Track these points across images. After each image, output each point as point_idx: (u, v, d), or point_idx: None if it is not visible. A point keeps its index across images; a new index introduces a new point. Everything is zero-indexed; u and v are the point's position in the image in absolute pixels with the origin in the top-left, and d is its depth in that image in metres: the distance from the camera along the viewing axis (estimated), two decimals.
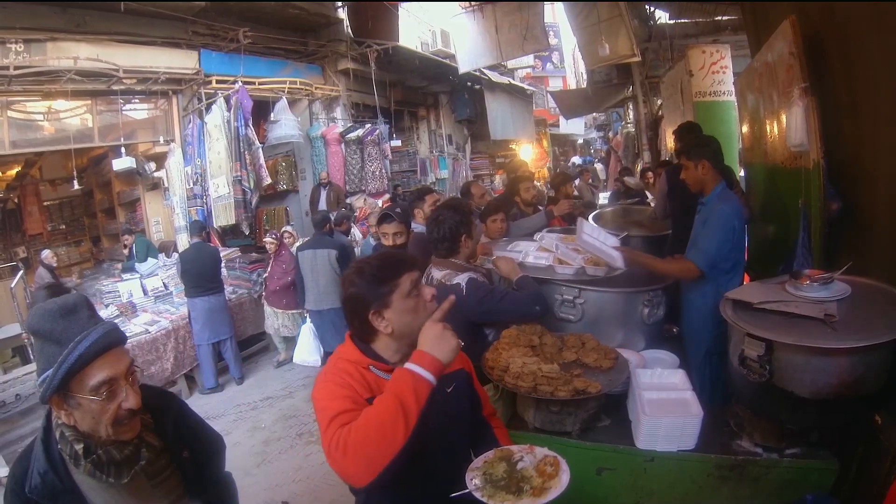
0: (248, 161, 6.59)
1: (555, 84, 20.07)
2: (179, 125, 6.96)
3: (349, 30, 8.68)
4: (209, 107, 6.68)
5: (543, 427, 1.97)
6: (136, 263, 6.71)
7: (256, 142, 6.82)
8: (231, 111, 6.53)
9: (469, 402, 1.61)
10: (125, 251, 7.31)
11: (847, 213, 2.43)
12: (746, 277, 3.56)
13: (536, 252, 2.87)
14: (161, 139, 6.90)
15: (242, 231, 7.04)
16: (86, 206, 10.11)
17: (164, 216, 7.38)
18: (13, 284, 6.24)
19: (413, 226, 3.39)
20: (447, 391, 1.51)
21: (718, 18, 7.36)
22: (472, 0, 8.87)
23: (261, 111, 7.60)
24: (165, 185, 6.97)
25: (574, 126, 20.45)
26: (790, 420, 1.74)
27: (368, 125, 8.86)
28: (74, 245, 10.22)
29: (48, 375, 1.12)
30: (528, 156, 14.94)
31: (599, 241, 2.62)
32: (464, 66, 9.40)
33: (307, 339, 5.22)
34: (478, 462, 1.45)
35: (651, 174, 6.79)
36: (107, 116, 6.41)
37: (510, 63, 13.48)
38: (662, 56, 8.45)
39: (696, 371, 2.59)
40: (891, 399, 1.66)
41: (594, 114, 18.21)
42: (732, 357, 1.83)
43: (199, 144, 6.71)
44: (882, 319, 1.62)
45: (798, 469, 1.77)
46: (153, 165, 6.95)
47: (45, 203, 9.96)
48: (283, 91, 7.67)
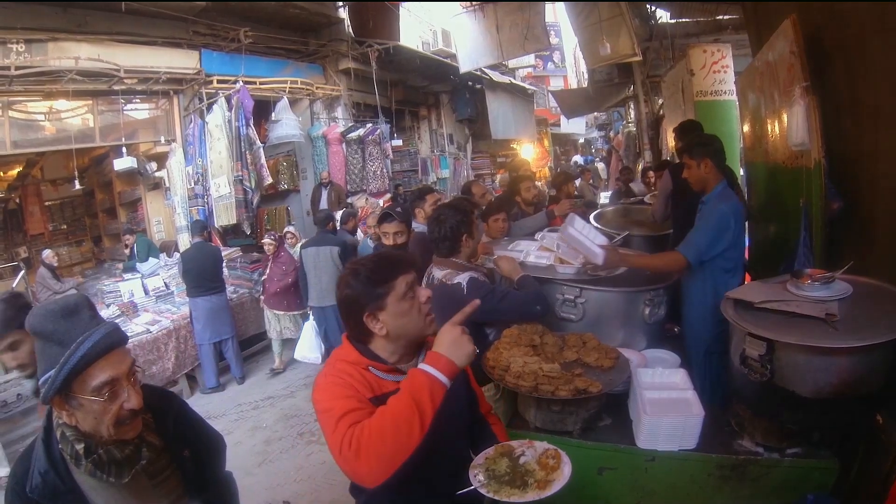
0: (250, 161, 6.59)
1: (556, 83, 20.05)
2: (180, 125, 6.97)
3: (350, 29, 8.68)
4: (210, 106, 6.69)
5: (544, 426, 1.97)
6: (138, 263, 6.72)
7: (257, 141, 6.82)
8: (232, 111, 6.54)
9: (467, 400, 1.62)
10: (126, 251, 7.31)
11: (848, 213, 2.42)
12: (748, 277, 3.56)
13: (537, 251, 2.87)
14: (162, 139, 6.91)
15: (244, 231, 7.04)
16: (87, 206, 10.13)
17: (166, 216, 7.38)
18: (14, 284, 6.25)
19: (414, 225, 3.39)
20: (448, 388, 1.52)
21: (719, 18, 7.34)
22: (473, 0, 8.87)
23: (262, 111, 7.61)
24: (166, 185, 6.98)
25: (575, 125, 20.45)
26: (791, 420, 1.73)
27: (369, 125, 8.86)
28: (76, 245, 10.23)
29: (50, 376, 1.12)
30: (530, 155, 14.94)
31: (583, 236, 2.59)
32: (465, 66, 9.39)
33: (308, 336, 5.25)
34: (479, 459, 1.45)
35: (652, 174, 6.77)
36: (108, 116, 6.42)
37: (511, 62, 13.47)
38: (663, 55, 8.43)
39: (697, 370, 2.59)
40: (892, 399, 1.65)
41: (595, 113, 18.20)
42: (733, 356, 1.83)
43: (201, 144, 6.71)
44: (883, 319, 1.62)
45: (799, 469, 1.77)
46: (154, 165, 6.95)
47: (47, 203, 9.96)
48: (284, 91, 7.68)
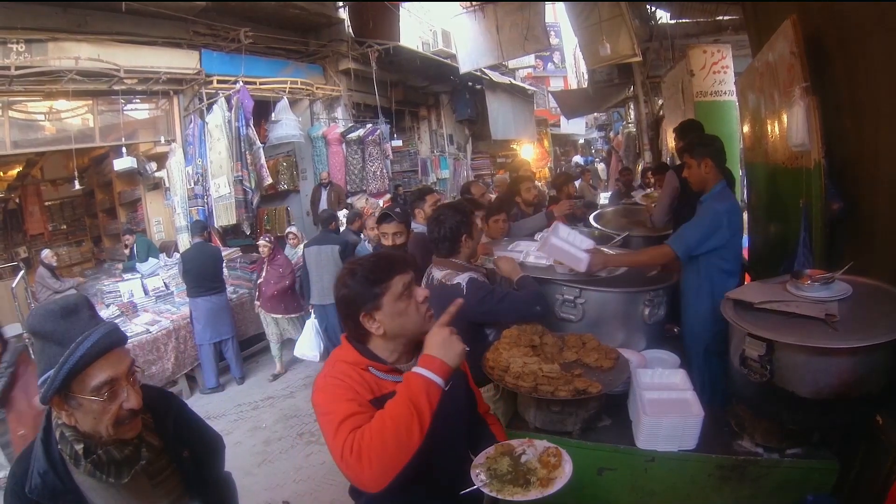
0: (249, 161, 6.59)
1: (556, 84, 20.06)
2: (180, 125, 6.97)
3: (350, 30, 8.68)
4: (210, 107, 6.68)
5: (544, 427, 1.97)
6: (137, 263, 6.72)
7: (257, 142, 6.82)
8: (232, 111, 6.54)
9: (466, 400, 1.62)
10: (126, 251, 7.32)
11: (848, 213, 2.42)
12: (747, 277, 3.56)
13: (537, 252, 2.87)
14: (162, 139, 6.90)
15: (243, 231, 7.04)
16: (87, 206, 10.12)
17: (165, 216, 7.38)
18: (14, 284, 6.25)
19: (413, 226, 3.39)
20: (444, 389, 1.52)
21: (719, 18, 7.34)
22: (473, 0, 8.87)
23: (262, 111, 7.61)
24: (166, 185, 6.98)
25: (575, 126, 20.46)
26: (791, 420, 1.73)
27: (369, 125, 8.86)
28: (75, 245, 10.23)
29: (49, 376, 1.12)
30: (530, 156, 14.95)
31: (569, 245, 2.60)
32: (465, 66, 9.39)
33: (309, 334, 5.29)
34: (480, 458, 1.46)
35: (651, 174, 6.77)
36: (108, 116, 6.42)
37: (511, 63, 13.47)
38: (663, 56, 8.43)
39: (696, 370, 2.59)
40: (892, 399, 1.65)
41: (595, 114, 18.22)
42: (733, 357, 1.83)
43: (200, 144, 6.71)
44: (883, 319, 1.62)
45: (799, 469, 1.77)
46: (154, 165, 6.95)
47: (47, 203, 9.95)
48: (284, 91, 7.68)
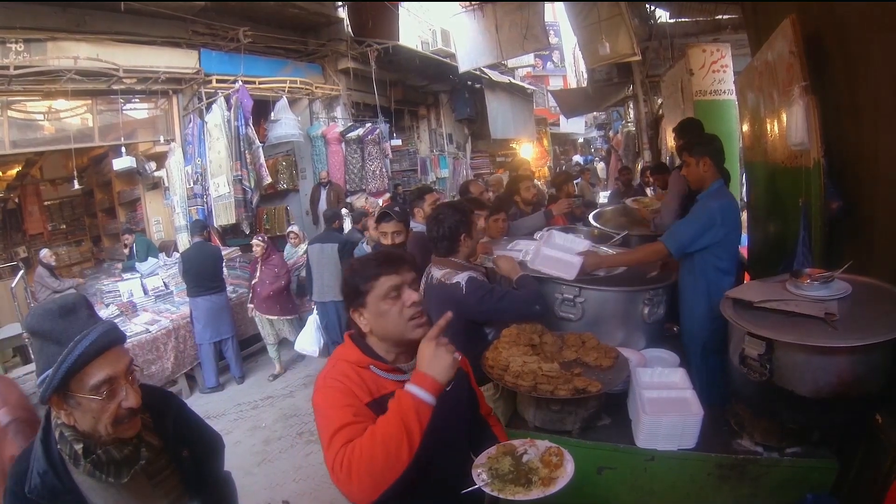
0: (249, 160, 6.58)
1: (555, 83, 20.06)
2: (180, 125, 6.95)
3: (349, 29, 8.67)
4: (209, 106, 6.68)
5: (544, 426, 1.97)
6: (137, 263, 6.72)
7: (257, 141, 6.81)
8: (231, 110, 6.53)
9: (467, 401, 1.62)
10: (125, 251, 7.31)
11: (848, 212, 2.42)
12: (747, 276, 3.57)
13: (531, 263, 2.85)
14: (161, 139, 6.89)
15: (243, 230, 7.04)
16: (86, 206, 10.11)
17: (165, 216, 7.38)
18: (13, 284, 6.24)
19: (412, 225, 3.39)
20: (446, 388, 1.52)
21: (719, 17, 7.33)
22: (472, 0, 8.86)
23: (261, 110, 7.60)
24: (166, 185, 6.97)
25: (574, 125, 20.45)
26: (790, 419, 1.74)
27: (369, 124, 8.85)
28: (75, 245, 10.22)
29: (48, 375, 1.12)
30: (529, 155, 14.95)
31: (561, 252, 2.59)
32: (464, 66, 9.38)
33: (310, 330, 5.35)
34: (482, 458, 1.45)
35: (650, 173, 6.78)
36: (107, 116, 6.40)
37: (510, 62, 13.46)
38: (663, 55, 8.43)
39: (695, 369, 2.59)
40: (891, 398, 1.65)
41: (594, 113, 18.21)
42: (733, 356, 1.83)
43: (200, 144, 6.70)
44: (882, 318, 1.61)
45: (798, 468, 1.77)
46: (153, 165, 6.94)
47: (46, 203, 9.95)
48: (284, 90, 7.66)
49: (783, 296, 1.82)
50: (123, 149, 6.72)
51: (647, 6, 8.28)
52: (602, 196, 9.15)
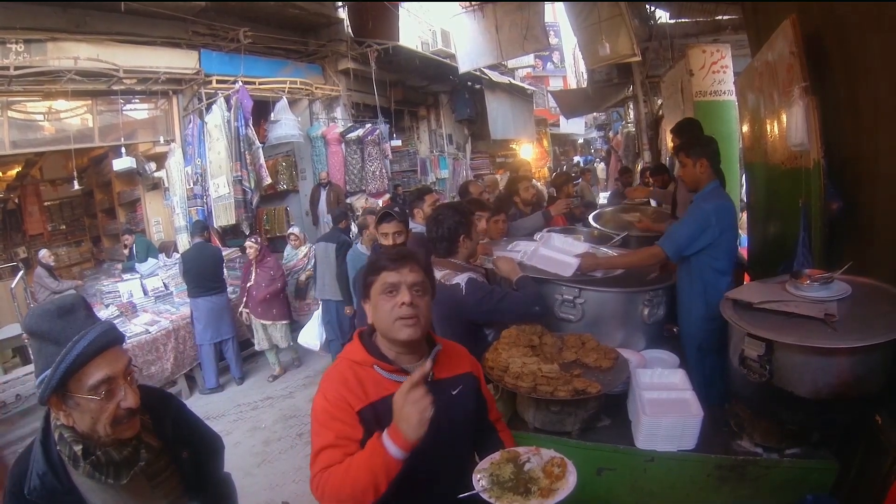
0: (249, 161, 6.58)
1: (555, 83, 20.06)
2: (180, 125, 6.95)
3: (349, 29, 8.67)
4: (209, 107, 6.68)
5: (543, 427, 1.96)
6: (137, 263, 6.72)
7: (257, 142, 6.81)
8: (231, 111, 6.53)
9: (475, 405, 1.61)
10: (125, 251, 7.31)
11: (847, 213, 2.42)
12: (747, 277, 3.57)
13: (529, 262, 2.85)
14: (161, 139, 6.89)
15: (243, 231, 7.04)
16: (86, 207, 10.11)
17: (165, 216, 7.37)
18: (13, 285, 6.24)
19: (412, 226, 3.39)
20: (452, 393, 1.52)
21: (719, 18, 7.33)
22: (473, 0, 8.86)
23: (261, 111, 7.60)
24: (166, 186, 6.97)
25: (574, 126, 20.47)
26: (790, 420, 1.73)
27: (369, 125, 8.85)
28: (75, 245, 10.22)
29: (46, 375, 1.12)
30: (529, 155, 14.95)
31: (557, 252, 2.59)
32: (464, 66, 9.38)
33: (314, 324, 5.40)
34: (484, 463, 1.44)
35: (649, 174, 6.78)
36: (107, 116, 6.41)
37: (510, 63, 13.47)
38: (663, 55, 8.43)
39: (693, 369, 2.58)
40: (891, 399, 1.65)
41: (594, 113, 18.20)
42: (732, 357, 1.83)
43: (200, 144, 6.70)
44: (882, 319, 1.61)
45: (798, 469, 1.77)
46: (153, 165, 6.94)
47: (46, 203, 9.95)
48: (284, 91, 7.66)
49: (783, 297, 1.82)
50: (123, 149, 6.72)
51: (647, 7, 8.29)
52: (602, 197, 9.17)
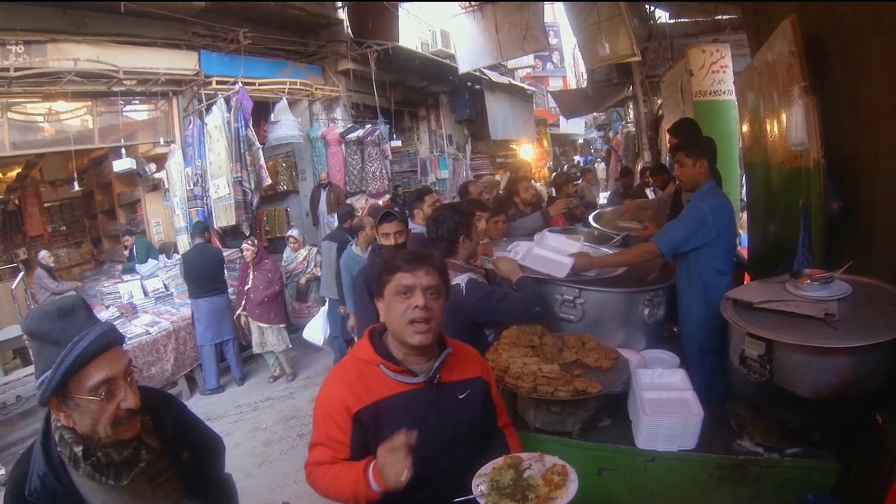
0: (249, 162, 6.58)
1: (555, 84, 20.08)
2: (180, 126, 6.95)
3: (349, 30, 8.67)
4: (209, 108, 6.67)
5: (544, 427, 1.96)
6: (137, 265, 6.72)
7: (257, 142, 6.81)
8: (231, 112, 6.52)
9: (482, 410, 1.59)
10: (126, 252, 7.31)
11: (847, 213, 2.42)
12: (747, 277, 3.57)
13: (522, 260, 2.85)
14: (161, 140, 6.89)
15: (243, 232, 7.04)
16: (86, 208, 10.11)
17: (165, 217, 7.37)
18: (14, 286, 6.24)
19: (412, 226, 3.39)
20: (459, 397, 1.52)
21: (718, 18, 7.34)
22: (472, 0, 8.86)
23: (261, 112, 7.60)
24: (166, 187, 6.96)
25: (574, 126, 20.46)
26: (791, 420, 1.73)
27: (369, 125, 8.85)
28: (75, 246, 10.22)
29: (47, 377, 1.12)
30: (529, 156, 14.95)
31: (552, 252, 2.58)
32: (464, 66, 9.38)
33: (319, 320, 5.44)
34: (486, 468, 1.43)
35: (649, 174, 6.79)
36: (107, 118, 6.40)
37: (510, 63, 13.47)
38: (662, 55, 8.44)
39: (694, 369, 2.58)
40: (892, 399, 1.65)
41: (594, 113, 18.19)
42: (733, 357, 1.83)
43: (200, 145, 6.70)
44: (883, 319, 1.61)
45: (799, 469, 1.77)
46: (153, 166, 6.94)
47: (46, 204, 9.94)
48: (284, 92, 7.66)
49: (783, 296, 1.82)
50: (123, 150, 6.72)
51: (647, 7, 8.29)
52: (602, 197, 9.17)
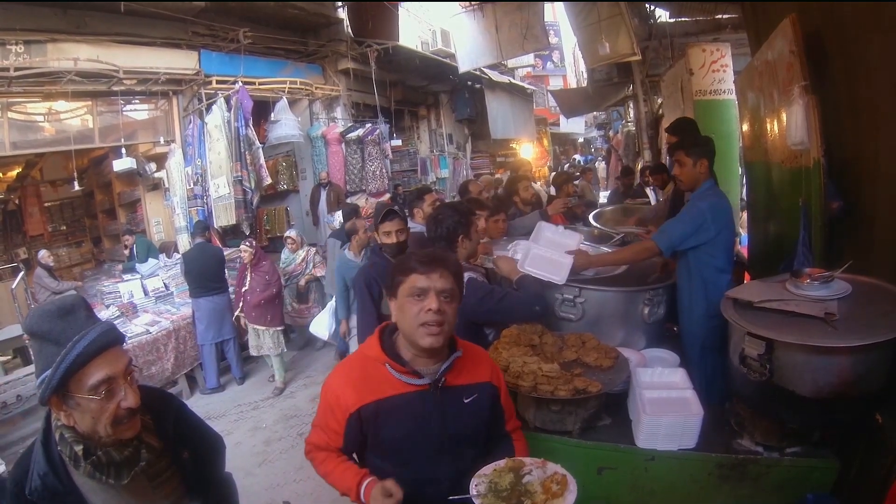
0: (249, 161, 6.58)
1: (555, 83, 20.08)
2: (180, 125, 6.95)
3: (349, 29, 8.66)
4: (209, 107, 6.67)
5: (544, 426, 1.96)
6: (137, 264, 6.71)
7: (257, 142, 6.81)
8: (231, 111, 6.52)
9: (488, 415, 1.58)
10: (126, 252, 7.31)
11: (847, 212, 2.42)
12: (747, 276, 3.57)
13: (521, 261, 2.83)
14: (161, 140, 6.89)
15: (243, 231, 7.04)
16: (86, 207, 10.11)
17: (165, 217, 7.37)
18: (14, 286, 6.25)
19: (412, 225, 3.39)
20: (464, 401, 1.51)
21: (719, 17, 7.33)
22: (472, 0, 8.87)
23: (261, 111, 7.60)
24: (166, 186, 6.97)
25: (574, 125, 20.46)
26: (791, 419, 1.73)
27: (369, 125, 8.84)
28: (75, 246, 10.22)
29: (47, 376, 1.12)
30: (529, 155, 14.95)
31: (551, 251, 2.56)
32: (464, 66, 9.38)
33: (325, 315, 5.36)
34: (487, 469, 1.43)
35: (649, 173, 6.78)
36: (107, 117, 6.40)
37: (510, 62, 13.46)
38: (663, 55, 8.42)
39: (694, 368, 2.58)
40: (892, 398, 1.65)
41: (594, 112, 18.19)
42: (733, 356, 1.83)
43: (200, 145, 6.70)
44: (883, 318, 1.61)
45: (799, 468, 1.77)
46: (153, 166, 6.94)
47: (46, 204, 9.95)
48: (284, 91, 7.66)
49: (783, 295, 1.82)
50: (123, 150, 6.72)
51: (647, 6, 8.28)
52: (602, 196, 9.17)
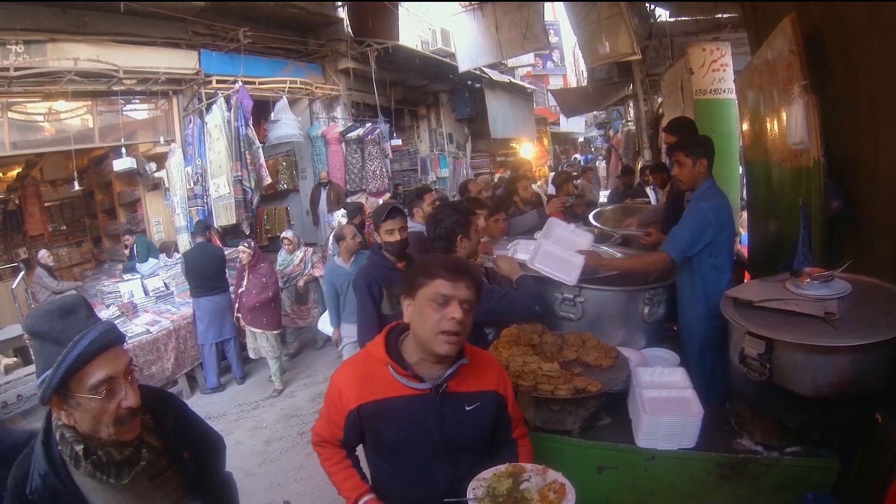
0: (249, 161, 6.57)
1: (555, 82, 20.07)
2: (180, 125, 6.95)
3: (349, 29, 8.66)
4: (209, 107, 6.67)
5: (544, 426, 1.96)
6: (137, 264, 6.71)
7: (257, 141, 6.81)
8: (231, 111, 6.52)
9: (491, 424, 1.57)
10: (126, 251, 7.31)
11: (847, 211, 2.42)
12: (747, 276, 3.57)
13: (523, 254, 2.84)
14: (161, 139, 6.89)
15: (243, 231, 7.04)
16: (87, 207, 10.11)
17: (165, 216, 7.38)
18: (14, 285, 6.25)
19: (411, 225, 3.39)
20: (466, 408, 1.51)
21: (719, 16, 7.32)
22: None
23: (261, 111, 7.60)
24: (166, 186, 6.97)
25: (574, 124, 20.47)
26: (791, 419, 1.73)
27: (369, 124, 8.84)
28: (75, 246, 10.22)
29: (48, 375, 1.12)
30: (529, 154, 14.95)
31: (562, 249, 2.56)
32: (464, 65, 9.38)
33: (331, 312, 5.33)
34: (487, 473, 1.42)
35: (649, 172, 6.78)
36: (107, 117, 6.40)
37: (510, 61, 13.44)
38: (663, 54, 8.42)
39: (695, 367, 2.58)
40: (892, 398, 1.65)
41: (594, 112, 18.18)
42: (732, 355, 1.83)
43: (200, 144, 6.70)
44: (883, 318, 1.61)
45: (799, 468, 1.77)
46: (154, 166, 6.94)
47: (46, 204, 9.95)
48: (284, 90, 7.66)
49: (783, 295, 1.82)
50: (124, 150, 6.72)
51: (647, 5, 8.28)
52: (602, 195, 9.18)
